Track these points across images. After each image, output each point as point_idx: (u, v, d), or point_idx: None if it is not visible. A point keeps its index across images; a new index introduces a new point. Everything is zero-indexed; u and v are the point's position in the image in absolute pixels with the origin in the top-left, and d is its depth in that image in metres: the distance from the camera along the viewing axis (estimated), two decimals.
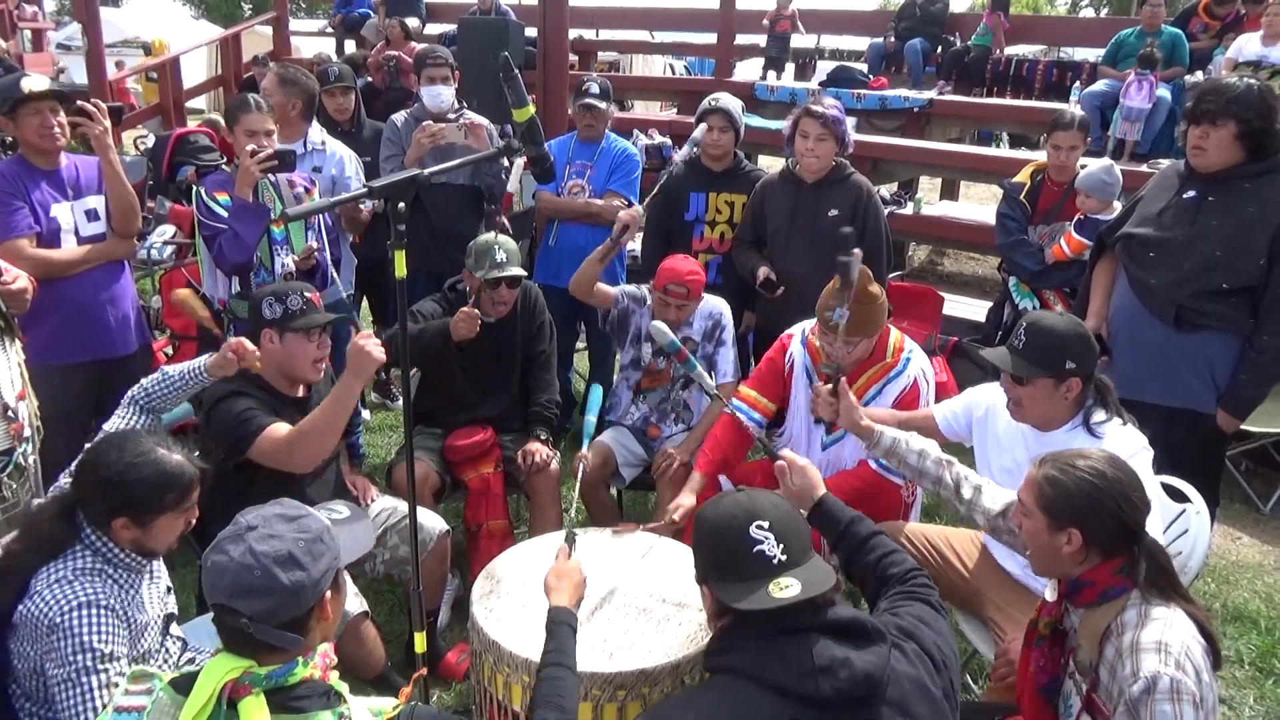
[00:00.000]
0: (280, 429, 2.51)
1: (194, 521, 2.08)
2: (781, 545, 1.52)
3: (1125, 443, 2.22)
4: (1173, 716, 1.62)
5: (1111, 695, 1.73)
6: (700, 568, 1.62)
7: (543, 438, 3.33)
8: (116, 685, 1.83)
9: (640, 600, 2.28)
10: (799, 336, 3.11)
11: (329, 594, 1.56)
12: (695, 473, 2.97)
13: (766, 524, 1.54)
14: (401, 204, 1.86)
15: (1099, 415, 2.32)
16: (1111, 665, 1.74)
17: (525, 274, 3.31)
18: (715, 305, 3.50)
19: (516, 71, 2.09)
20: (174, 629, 2.19)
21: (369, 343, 2.37)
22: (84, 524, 1.97)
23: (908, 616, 1.70)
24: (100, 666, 1.83)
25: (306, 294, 2.69)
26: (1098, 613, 1.79)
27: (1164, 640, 1.67)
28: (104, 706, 1.80)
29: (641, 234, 4.28)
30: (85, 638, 1.83)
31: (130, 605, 1.97)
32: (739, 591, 1.50)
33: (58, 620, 1.84)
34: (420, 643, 2.13)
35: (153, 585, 2.10)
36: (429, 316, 3.30)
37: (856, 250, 2.50)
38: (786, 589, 1.47)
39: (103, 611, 1.88)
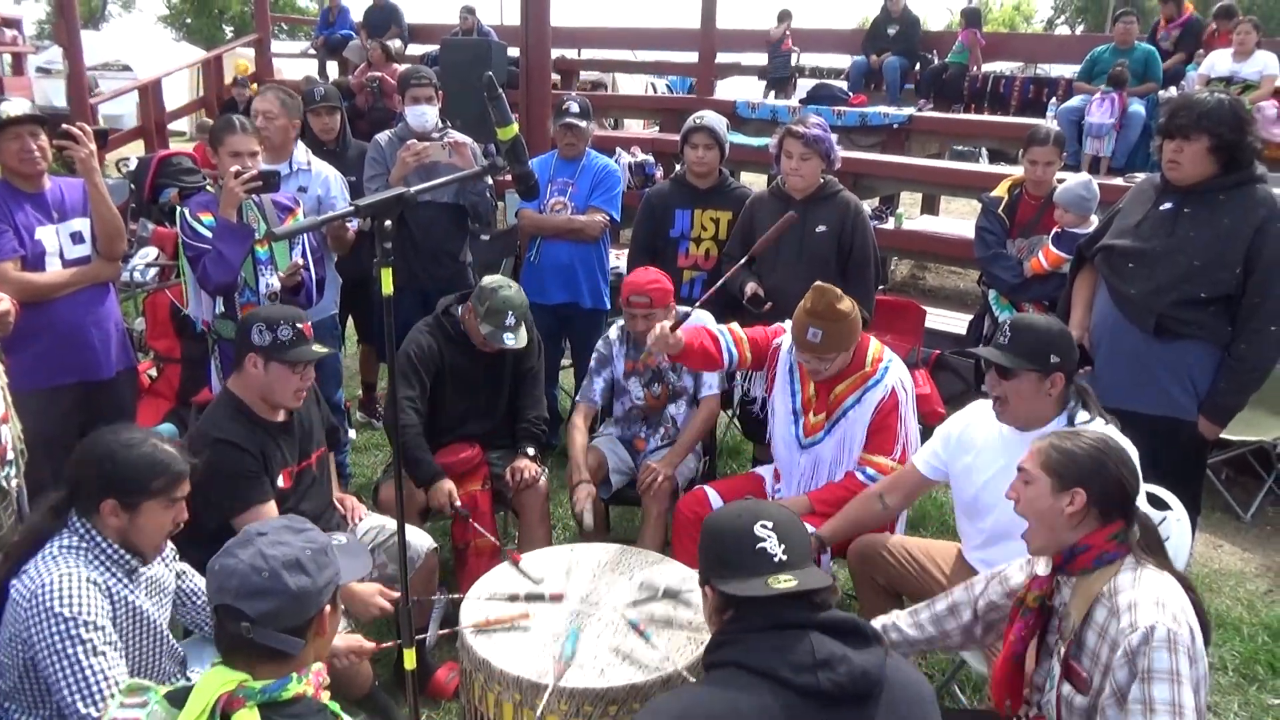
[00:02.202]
0: (269, 512, 2.55)
1: (181, 523, 2.08)
2: (783, 546, 1.56)
3: None
4: (1169, 664, 1.66)
5: (1099, 657, 1.78)
6: (704, 569, 1.65)
7: (531, 454, 3.32)
8: (104, 654, 1.84)
9: (630, 616, 2.28)
10: (789, 341, 3.11)
11: (328, 608, 1.57)
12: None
13: (770, 524, 1.58)
14: (388, 222, 1.88)
15: (1083, 415, 2.38)
16: (1102, 626, 1.79)
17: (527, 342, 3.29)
18: (699, 319, 3.51)
19: (501, 91, 2.12)
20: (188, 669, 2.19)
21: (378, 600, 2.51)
22: (73, 515, 1.98)
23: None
24: (85, 636, 1.83)
25: (298, 324, 2.63)
26: (1092, 578, 1.85)
27: (1161, 598, 1.74)
28: (98, 675, 1.81)
29: (627, 250, 4.32)
30: (61, 609, 1.84)
31: (118, 584, 1.97)
32: (739, 584, 1.54)
33: (37, 592, 1.85)
34: (410, 660, 2.13)
35: (150, 589, 2.10)
36: (423, 348, 3.26)
37: None
38: (785, 582, 1.51)
39: (82, 583, 1.88)
